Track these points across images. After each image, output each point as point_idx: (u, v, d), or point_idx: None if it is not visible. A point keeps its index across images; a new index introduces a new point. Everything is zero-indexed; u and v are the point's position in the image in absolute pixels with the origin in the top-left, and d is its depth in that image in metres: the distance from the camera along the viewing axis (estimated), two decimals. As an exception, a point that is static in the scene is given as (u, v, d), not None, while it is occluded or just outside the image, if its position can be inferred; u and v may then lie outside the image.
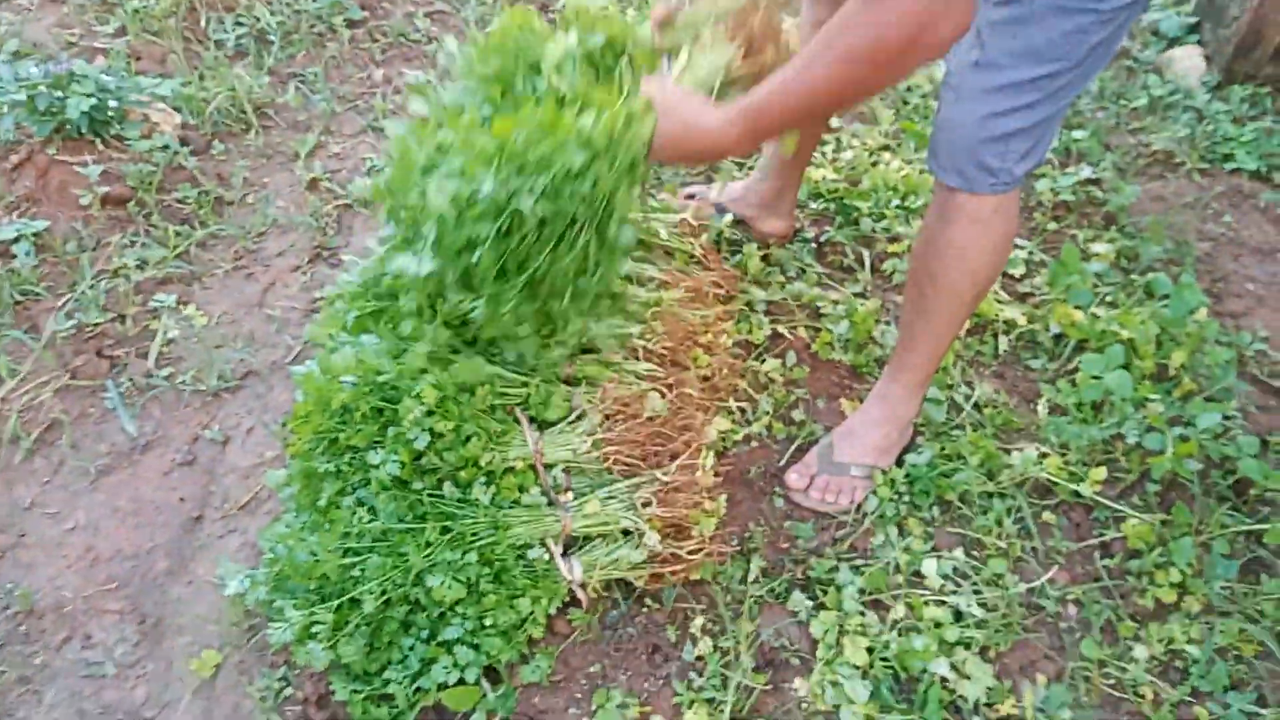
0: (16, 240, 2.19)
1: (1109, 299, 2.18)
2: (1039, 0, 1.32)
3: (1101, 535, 1.77)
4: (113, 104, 2.39)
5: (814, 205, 2.42)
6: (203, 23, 2.93)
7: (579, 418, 1.69)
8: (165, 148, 2.44)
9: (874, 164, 2.52)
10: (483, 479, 1.59)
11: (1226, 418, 1.93)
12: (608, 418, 1.66)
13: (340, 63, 2.92)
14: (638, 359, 1.78)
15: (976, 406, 1.96)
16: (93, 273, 2.18)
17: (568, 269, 1.45)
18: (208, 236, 2.33)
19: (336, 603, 1.48)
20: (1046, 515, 1.80)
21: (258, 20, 2.96)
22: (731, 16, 1.63)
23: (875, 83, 1.31)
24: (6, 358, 1.99)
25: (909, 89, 2.82)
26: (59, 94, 2.31)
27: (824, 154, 2.55)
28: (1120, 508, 1.80)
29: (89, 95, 2.33)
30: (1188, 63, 2.97)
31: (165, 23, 2.89)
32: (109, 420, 1.94)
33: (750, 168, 2.43)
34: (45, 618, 1.65)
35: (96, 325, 2.09)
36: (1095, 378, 1.95)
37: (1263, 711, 1.53)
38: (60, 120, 2.33)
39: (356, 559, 1.50)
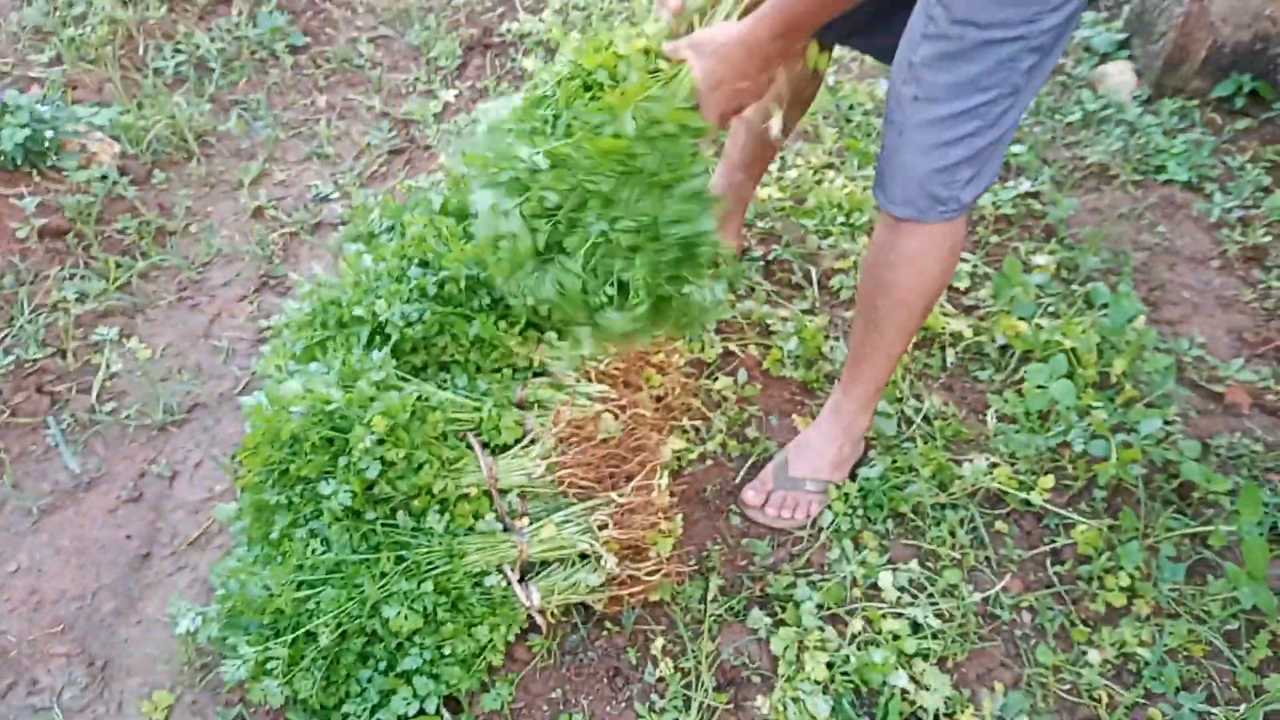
0: (-50, 275, 2.14)
1: (1051, 309, 2.23)
2: (968, 35, 1.36)
3: (1052, 542, 1.81)
4: (48, 134, 2.34)
5: (761, 224, 2.45)
6: (140, 50, 2.89)
7: (532, 442, 1.68)
8: (104, 178, 2.40)
9: (818, 182, 2.56)
10: (436, 507, 1.57)
11: (1168, 423, 1.98)
12: (561, 441, 1.66)
13: (283, 89, 2.90)
14: (590, 380, 1.78)
15: (926, 419, 1.99)
16: (31, 307, 2.13)
17: (639, 229, 1.41)
18: (150, 267, 2.29)
19: (291, 637, 1.46)
20: (998, 524, 1.83)
21: (198, 48, 2.93)
22: None
23: None
24: (-59, 397, 1.94)
25: (851, 107, 2.87)
26: (-8, 125, 2.27)
27: (769, 172, 2.58)
28: (1069, 514, 1.83)
29: (23, 126, 2.28)
30: (1119, 78, 3.06)
31: (102, 51, 2.84)
32: (51, 458, 1.89)
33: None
34: (-13, 665, 1.60)
35: (36, 360, 2.04)
36: (1040, 387, 1.99)
37: (1214, 710, 1.57)
38: (-6, 152, 2.29)
39: (311, 591, 1.48)
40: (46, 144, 2.35)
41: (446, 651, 1.51)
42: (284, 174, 2.61)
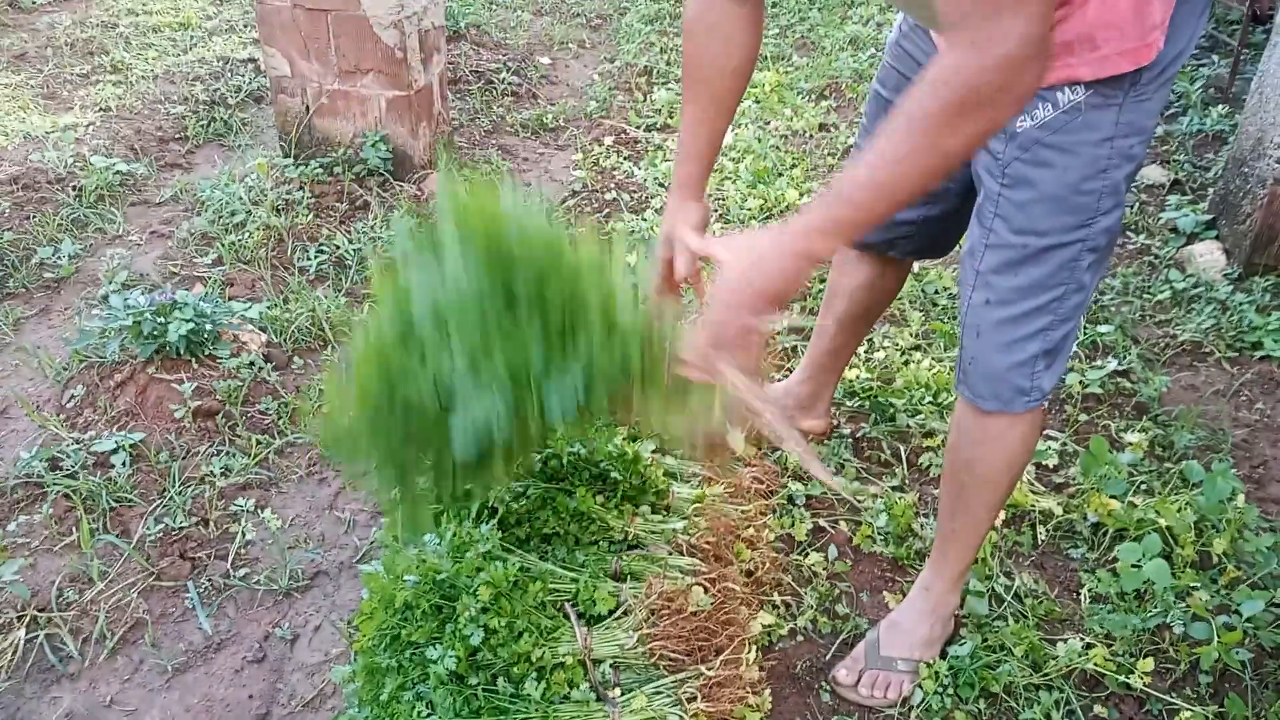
0: (115, 451, 2.40)
1: (1145, 487, 2.23)
2: (1030, 243, 1.48)
3: (1155, 729, 1.76)
4: (208, 327, 2.65)
5: (850, 403, 2.54)
6: (289, 252, 3.26)
7: (625, 613, 1.76)
8: (251, 364, 2.68)
9: (905, 363, 2.66)
10: (534, 674, 1.65)
11: (1274, 604, 1.93)
12: (653, 613, 1.74)
13: (411, 282, 3.20)
14: (681, 554, 1.87)
15: (1018, 597, 1.99)
16: (181, 480, 2.37)
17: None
18: (285, 445, 2.52)
19: (394, 801, 1.53)
20: (1097, 708, 1.79)
21: (337, 248, 3.28)
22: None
23: (975, 135, 1.13)
24: (99, 560, 2.15)
25: (937, 291, 2.99)
26: (161, 320, 2.58)
27: (857, 355, 2.70)
28: (1172, 700, 1.79)
29: (188, 320, 2.59)
30: (1208, 257, 3.11)
31: (256, 253, 3.22)
32: (188, 619, 2.07)
33: (789, 369, 2.58)
34: (118, 816, 1.71)
35: (182, 529, 2.25)
36: (1135, 566, 1.97)
37: None
38: (161, 342, 2.59)
39: (415, 754, 1.57)
40: (206, 335, 2.66)
41: (540, 819, 1.56)
42: (407, 359, 2.86)
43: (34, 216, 3.47)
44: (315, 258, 3.22)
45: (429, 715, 1.60)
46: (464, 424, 1.36)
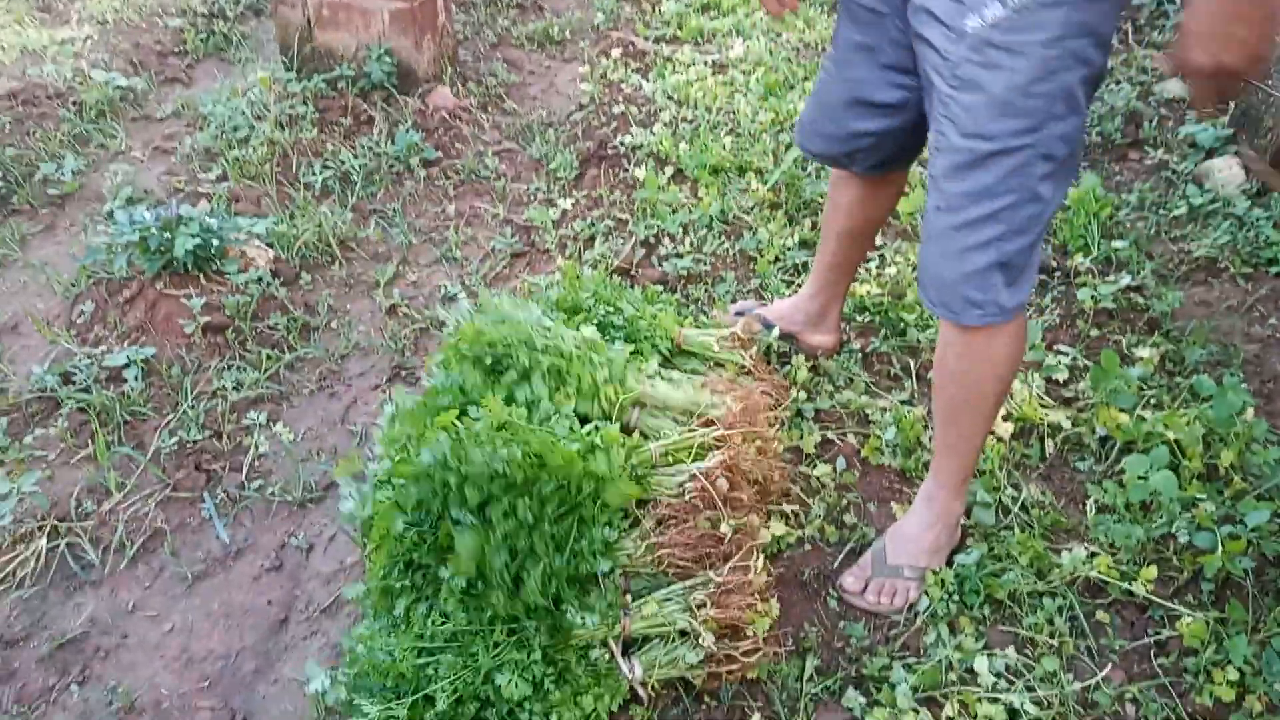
0: (127, 366, 2.42)
1: (1154, 401, 2.23)
2: (978, 147, 1.45)
3: (1156, 634, 1.79)
4: (215, 242, 2.64)
5: (860, 318, 2.54)
6: (294, 167, 3.22)
7: (634, 524, 1.78)
8: (259, 280, 2.68)
9: (917, 279, 2.63)
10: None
11: (1278, 515, 1.94)
12: (660, 522, 1.76)
13: (417, 199, 3.17)
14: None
15: (1024, 508, 2.01)
16: (194, 394, 2.38)
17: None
18: (295, 359, 2.53)
19: (411, 700, 1.57)
20: (1099, 614, 1.82)
21: (343, 164, 3.25)
22: None
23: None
24: (116, 473, 2.18)
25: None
26: (168, 235, 2.57)
27: (868, 270, 2.68)
28: (1174, 606, 1.81)
29: (194, 235, 2.58)
30: (1226, 172, 3.06)
31: (261, 168, 3.19)
32: (205, 529, 2.10)
33: (797, 285, 2.56)
34: (144, 715, 1.76)
35: (196, 442, 2.27)
36: (1142, 478, 1.99)
37: (1331, 813, 1.52)
38: (168, 258, 2.58)
39: (430, 659, 1.60)
40: (213, 251, 2.65)
41: (554, 718, 1.61)
42: (416, 275, 2.86)
43: (35, 132, 3.43)
44: (321, 173, 3.19)
45: (443, 623, 1.63)
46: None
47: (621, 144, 3.34)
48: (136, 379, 2.39)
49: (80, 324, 2.59)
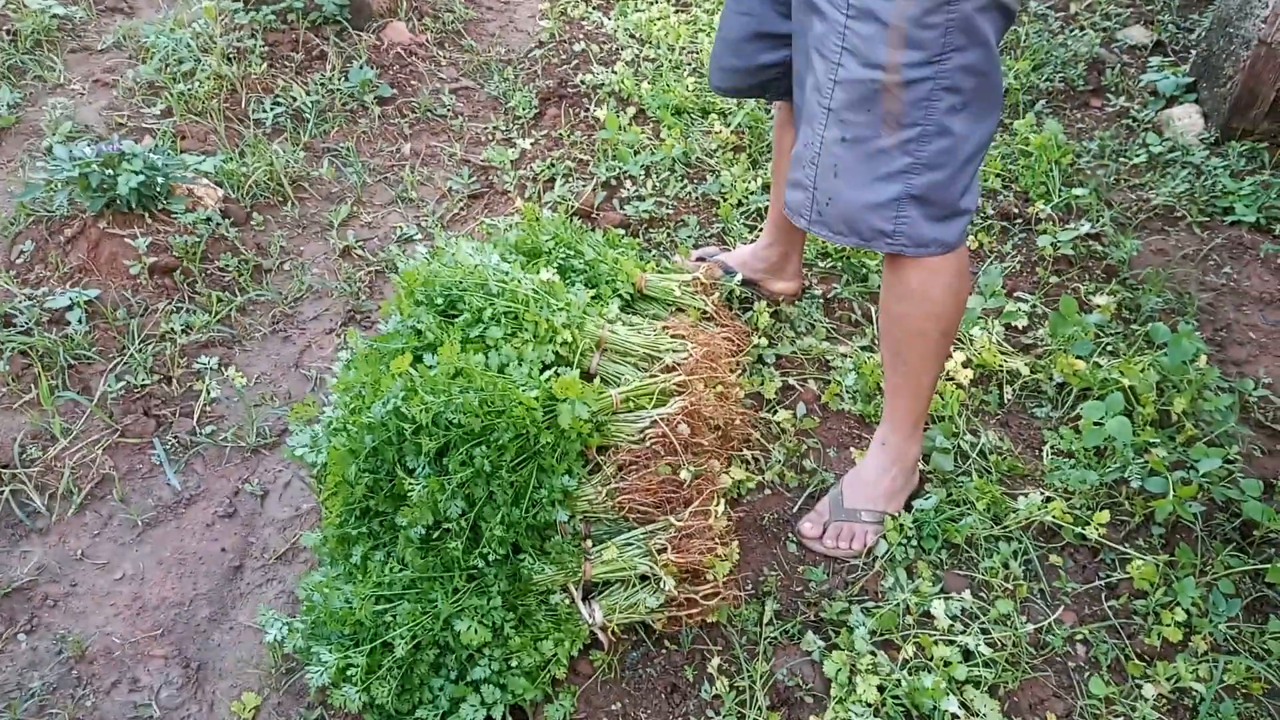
0: (70, 308, 2.34)
1: (1110, 349, 2.25)
2: (878, 78, 1.44)
3: (1108, 577, 1.82)
4: (160, 180, 2.54)
5: (822, 264, 2.52)
6: (243, 103, 3.11)
7: (594, 470, 1.77)
8: (208, 220, 2.59)
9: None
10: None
11: (1229, 461, 1.98)
12: (620, 468, 1.75)
13: (371, 138, 3.09)
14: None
15: (982, 454, 2.03)
16: (141, 337, 2.31)
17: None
18: (247, 302, 2.46)
19: (370, 647, 1.56)
20: (1053, 558, 1.85)
21: (294, 100, 3.14)
22: None
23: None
24: (61, 418, 2.12)
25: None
26: (110, 172, 2.47)
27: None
28: (1125, 549, 1.85)
29: (138, 172, 2.48)
30: (1186, 121, 3.07)
31: (208, 104, 3.07)
32: (155, 475, 2.05)
33: (759, 230, 2.54)
34: (95, 663, 1.73)
35: (144, 386, 2.21)
36: (1097, 424, 2.01)
37: (1269, 747, 1.57)
38: (111, 196, 2.48)
39: (388, 605, 1.59)
40: (158, 189, 2.55)
41: (513, 663, 1.60)
42: (371, 216, 2.78)
43: (-33, 62, 3.28)
44: (271, 109, 3.08)
45: (400, 570, 1.61)
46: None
47: (582, 83, 3.27)
48: (80, 321, 2.31)
49: (20, 264, 2.50)
